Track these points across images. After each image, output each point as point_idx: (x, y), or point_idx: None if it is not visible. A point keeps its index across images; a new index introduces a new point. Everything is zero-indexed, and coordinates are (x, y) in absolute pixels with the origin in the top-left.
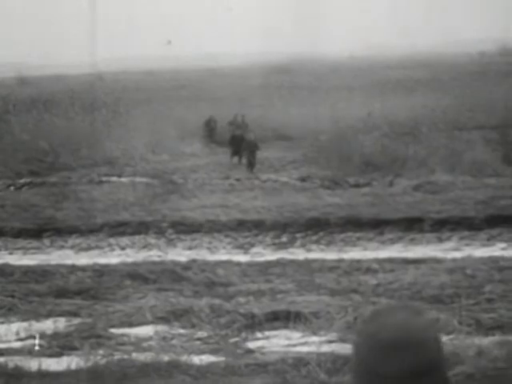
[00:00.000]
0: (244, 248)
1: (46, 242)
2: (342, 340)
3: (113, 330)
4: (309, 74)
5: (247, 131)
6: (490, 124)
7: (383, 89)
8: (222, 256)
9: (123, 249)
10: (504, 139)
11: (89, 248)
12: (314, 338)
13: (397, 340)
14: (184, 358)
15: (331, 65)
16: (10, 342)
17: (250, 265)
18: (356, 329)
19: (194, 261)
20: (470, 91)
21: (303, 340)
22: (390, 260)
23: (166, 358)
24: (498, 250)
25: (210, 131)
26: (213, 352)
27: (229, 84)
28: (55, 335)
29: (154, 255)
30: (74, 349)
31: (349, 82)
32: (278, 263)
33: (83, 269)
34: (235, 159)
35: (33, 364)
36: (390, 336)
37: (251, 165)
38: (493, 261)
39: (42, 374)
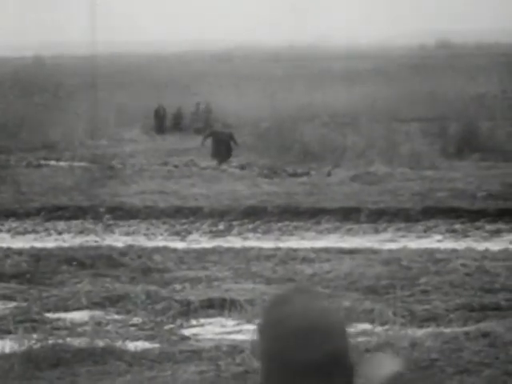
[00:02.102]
0: (181, 235)
1: None
2: None
3: (48, 315)
4: (249, 63)
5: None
6: (428, 116)
7: (324, 79)
8: (159, 242)
9: (60, 233)
10: (442, 132)
11: (25, 232)
12: (249, 326)
13: (302, 327)
14: (119, 343)
15: (272, 54)
16: None
17: (186, 252)
18: (261, 315)
19: (130, 246)
20: (409, 83)
21: (238, 328)
22: (327, 250)
23: (100, 343)
24: (433, 241)
25: (159, 120)
26: (148, 338)
27: (170, 71)
28: None
29: (90, 240)
30: (8, 332)
31: (290, 72)
32: (215, 251)
33: (19, 252)
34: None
35: None
36: (294, 323)
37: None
38: (428, 253)
39: None
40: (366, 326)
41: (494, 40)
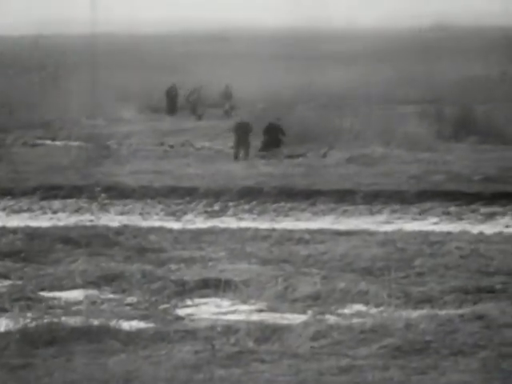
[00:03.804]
0: (176, 215)
1: None
2: (271, 309)
3: (43, 293)
4: (247, 43)
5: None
6: (425, 99)
7: (322, 60)
8: (154, 222)
9: (55, 212)
10: (439, 114)
11: (20, 210)
12: (244, 307)
13: None
14: (113, 323)
15: (270, 34)
16: None
17: (181, 232)
18: None
19: (125, 226)
20: (407, 66)
21: (233, 308)
22: (322, 231)
23: (95, 322)
24: (429, 224)
25: (171, 100)
26: (142, 318)
27: (167, 51)
28: None
29: (85, 220)
30: (4, 310)
31: (288, 53)
32: (210, 231)
33: (14, 231)
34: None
35: None
36: None
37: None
38: (423, 235)
39: None
40: (361, 308)
41: (492, 22)
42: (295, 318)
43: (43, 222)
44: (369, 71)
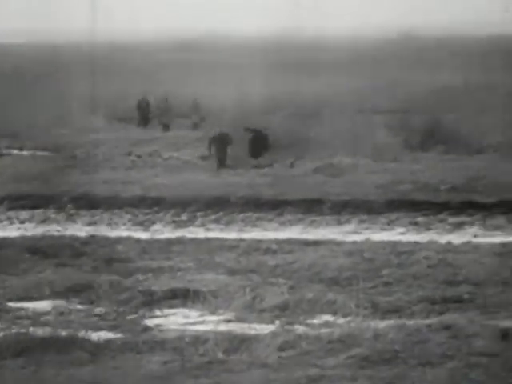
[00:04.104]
0: (144, 225)
1: None
2: (239, 319)
3: (11, 304)
4: (216, 52)
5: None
6: (392, 108)
7: (290, 70)
8: (121, 232)
9: (22, 222)
10: (406, 124)
11: None
12: (212, 317)
13: None
14: (82, 333)
15: (240, 43)
16: None
17: (149, 242)
18: None
19: (93, 237)
20: (373, 76)
21: (201, 318)
22: (290, 241)
23: (63, 333)
24: (396, 234)
25: (143, 112)
26: (111, 328)
27: (135, 60)
28: None
29: (53, 230)
30: None
31: (256, 62)
32: (178, 241)
33: None
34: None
35: None
36: None
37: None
38: (391, 245)
39: None
40: (329, 318)
41: (458, 33)
42: (263, 328)
43: (11, 232)
44: (336, 81)
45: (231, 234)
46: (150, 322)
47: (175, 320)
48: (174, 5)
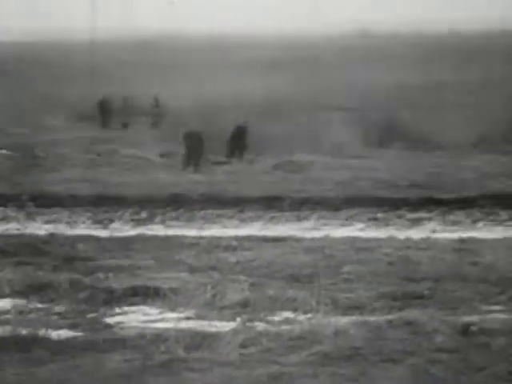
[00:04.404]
0: (103, 223)
1: None
2: (200, 317)
3: None
4: (172, 51)
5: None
6: (350, 106)
7: (247, 68)
8: (81, 231)
9: None
10: (364, 121)
11: None
12: (173, 315)
13: None
14: (42, 332)
15: (195, 43)
16: None
17: (109, 240)
18: None
19: (53, 235)
20: (331, 73)
21: (162, 316)
22: (250, 238)
23: (23, 331)
24: (356, 230)
25: (104, 113)
26: (71, 327)
27: (92, 59)
28: None
29: (12, 228)
30: None
31: (214, 60)
32: (138, 239)
33: None
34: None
35: None
36: None
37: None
38: (351, 241)
39: None
40: (290, 315)
41: (414, 29)
42: (224, 326)
43: None
44: (295, 78)
45: (191, 232)
46: (110, 320)
47: (136, 318)
48: (131, 4)
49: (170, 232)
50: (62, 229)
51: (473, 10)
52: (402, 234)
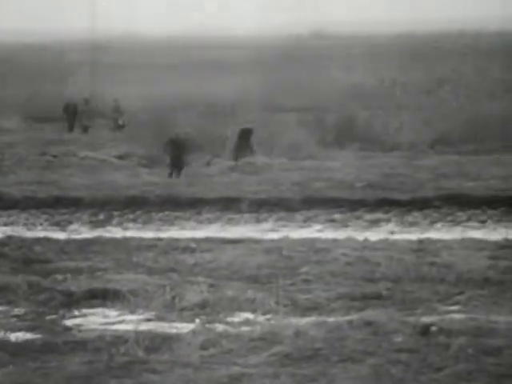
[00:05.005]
0: (61, 225)
1: None
2: (159, 319)
3: None
4: (126, 52)
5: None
6: (306, 106)
7: (202, 69)
8: (39, 233)
9: None
10: (320, 122)
11: None
12: (132, 317)
13: None
14: (1, 334)
15: (149, 43)
16: None
17: (67, 242)
18: None
19: (10, 237)
20: (287, 74)
21: (121, 318)
22: (208, 240)
23: None
24: (314, 231)
25: (70, 117)
26: (30, 329)
27: (47, 60)
28: None
29: None
30: None
31: (168, 61)
32: (96, 241)
33: None
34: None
35: None
36: None
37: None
38: (309, 242)
39: None
40: (249, 316)
41: (368, 30)
42: (184, 327)
43: None
44: (250, 79)
45: (149, 234)
46: (69, 323)
47: (95, 320)
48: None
49: (128, 234)
50: (20, 231)
51: (429, 10)
52: (360, 235)
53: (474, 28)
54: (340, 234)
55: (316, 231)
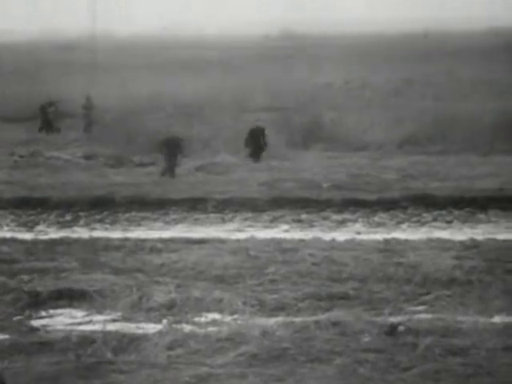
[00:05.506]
0: (28, 226)
1: None
2: (126, 319)
3: None
4: (96, 52)
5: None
6: (274, 107)
7: (170, 68)
8: (5, 233)
9: None
10: (288, 122)
11: None
12: (99, 317)
13: None
14: None
15: (119, 43)
16: None
17: (34, 243)
18: None
19: None
20: (255, 74)
21: (88, 318)
22: (174, 240)
23: None
24: (280, 231)
25: (45, 118)
26: None
27: (15, 59)
28: None
29: None
30: None
31: (136, 61)
32: (63, 241)
33: None
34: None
35: None
36: None
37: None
38: (276, 242)
39: None
40: (216, 316)
41: (337, 30)
42: (151, 328)
43: None
44: (217, 79)
45: (116, 234)
46: (36, 323)
47: (62, 320)
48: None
49: (95, 234)
50: None
51: (397, 11)
52: (327, 236)
53: (441, 28)
54: (307, 234)
55: (282, 231)
